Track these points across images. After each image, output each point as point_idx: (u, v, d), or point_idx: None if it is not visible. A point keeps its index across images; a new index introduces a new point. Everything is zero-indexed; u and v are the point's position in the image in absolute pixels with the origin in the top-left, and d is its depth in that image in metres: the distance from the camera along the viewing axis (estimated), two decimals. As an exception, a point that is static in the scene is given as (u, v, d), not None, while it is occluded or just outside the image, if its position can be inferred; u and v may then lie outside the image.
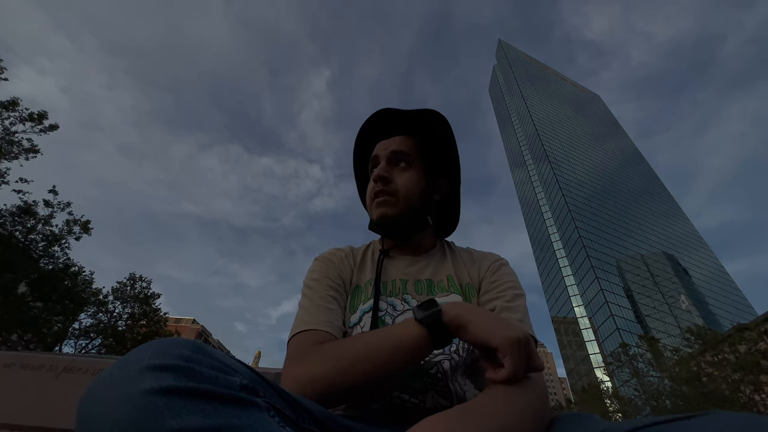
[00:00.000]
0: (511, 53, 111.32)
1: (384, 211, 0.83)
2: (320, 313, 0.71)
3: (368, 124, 0.91)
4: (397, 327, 0.58)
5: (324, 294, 0.76)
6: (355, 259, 0.88)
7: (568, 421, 0.49)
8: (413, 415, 0.64)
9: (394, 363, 0.54)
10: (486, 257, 0.89)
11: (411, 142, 0.87)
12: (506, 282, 0.81)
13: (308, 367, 0.57)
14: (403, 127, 0.89)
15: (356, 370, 0.54)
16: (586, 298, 54.67)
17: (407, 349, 0.54)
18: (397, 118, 0.88)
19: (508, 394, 0.47)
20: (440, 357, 0.69)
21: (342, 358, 0.55)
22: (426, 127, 0.88)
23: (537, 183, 76.86)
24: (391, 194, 0.83)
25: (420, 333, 0.55)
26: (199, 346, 0.36)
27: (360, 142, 0.95)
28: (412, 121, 0.88)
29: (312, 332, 0.66)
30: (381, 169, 0.84)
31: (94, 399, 0.30)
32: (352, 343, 0.59)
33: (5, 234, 12.16)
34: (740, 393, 13.59)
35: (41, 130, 12.68)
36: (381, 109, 0.88)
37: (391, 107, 0.88)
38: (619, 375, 21.32)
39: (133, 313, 16.68)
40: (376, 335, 0.58)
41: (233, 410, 0.31)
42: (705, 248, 76.29)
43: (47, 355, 1.15)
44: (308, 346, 0.63)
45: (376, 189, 0.84)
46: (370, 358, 0.54)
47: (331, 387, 0.53)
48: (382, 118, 0.89)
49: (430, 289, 0.82)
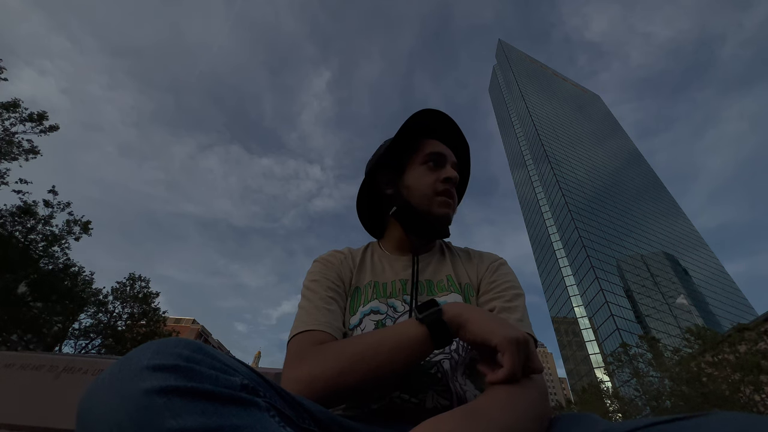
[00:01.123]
0: (511, 53, 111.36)
1: (448, 212, 0.85)
2: (320, 314, 0.71)
3: (435, 116, 0.90)
4: (397, 327, 0.58)
5: (323, 295, 0.76)
6: (354, 261, 0.88)
7: (567, 421, 0.49)
8: (413, 415, 0.64)
9: (395, 363, 0.54)
10: (485, 257, 0.90)
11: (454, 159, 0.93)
12: (505, 282, 0.81)
13: (308, 367, 0.57)
14: (454, 144, 0.94)
15: (356, 371, 0.54)
16: (586, 298, 54.67)
17: (408, 348, 0.54)
18: (456, 133, 0.93)
19: (510, 395, 0.47)
20: (440, 357, 0.69)
21: (341, 359, 0.55)
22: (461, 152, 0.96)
23: (537, 183, 76.88)
24: (453, 200, 0.87)
25: (420, 332, 0.55)
26: (199, 346, 0.36)
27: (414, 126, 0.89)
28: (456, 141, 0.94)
29: (311, 333, 0.66)
30: (456, 174, 0.87)
31: (95, 399, 0.30)
32: (352, 343, 0.59)
33: (5, 234, 12.15)
34: (740, 393, 13.59)
35: (41, 131, 12.68)
36: (446, 114, 0.90)
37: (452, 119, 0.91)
38: (620, 375, 21.32)
39: (132, 313, 16.68)
40: (376, 335, 0.58)
41: (233, 410, 0.31)
42: (705, 248, 76.29)
43: (47, 356, 1.15)
44: (308, 346, 0.63)
45: (445, 187, 0.85)
46: (370, 358, 0.54)
47: (332, 387, 0.53)
48: (447, 123, 0.92)
49: (430, 289, 0.82)
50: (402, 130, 0.87)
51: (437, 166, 0.87)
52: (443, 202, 0.84)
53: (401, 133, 0.88)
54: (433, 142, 0.90)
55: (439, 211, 0.84)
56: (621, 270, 56.11)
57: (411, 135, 0.91)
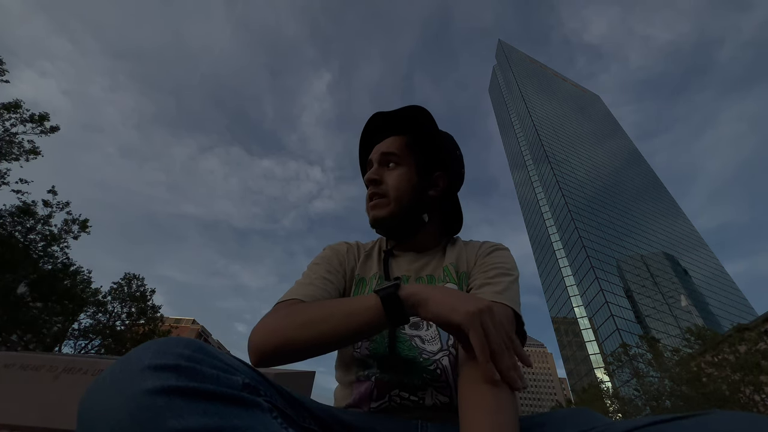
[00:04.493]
0: (510, 53, 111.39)
1: (376, 213, 0.83)
2: (308, 288, 0.73)
3: (365, 131, 0.91)
4: (357, 297, 0.60)
5: (319, 275, 0.78)
6: (360, 252, 0.90)
7: (565, 416, 0.49)
8: (413, 412, 0.65)
9: (348, 327, 0.55)
10: (484, 244, 0.89)
11: (400, 141, 0.86)
12: (494, 263, 0.79)
13: (270, 321, 0.60)
14: (393, 128, 0.89)
15: (311, 328, 0.56)
16: (586, 298, 54.66)
17: (359, 316, 0.56)
18: (386, 119, 0.88)
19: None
20: (439, 354, 0.69)
21: (301, 316, 0.58)
22: (413, 123, 0.86)
23: (537, 184, 76.87)
24: (382, 195, 0.83)
25: (374, 303, 0.56)
26: (200, 345, 0.36)
27: (362, 150, 0.95)
28: (399, 119, 0.87)
29: (292, 301, 0.68)
30: (371, 173, 0.85)
31: (95, 399, 0.30)
32: (314, 305, 0.63)
33: (5, 234, 12.15)
34: (740, 393, 13.59)
35: (42, 131, 12.68)
36: (373, 114, 0.87)
37: (382, 111, 0.87)
38: (620, 375, 21.32)
39: (131, 313, 16.67)
40: (337, 301, 0.62)
41: (235, 410, 0.31)
42: (705, 248, 76.29)
43: (47, 356, 1.15)
44: (280, 308, 0.65)
45: (368, 192, 0.85)
46: (326, 319, 0.56)
47: (288, 341, 0.55)
48: (374, 122, 0.89)
49: (431, 283, 0.82)
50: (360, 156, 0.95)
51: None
52: (369, 208, 0.85)
53: (361, 158, 0.95)
54: (372, 151, 0.90)
55: (370, 218, 0.85)
56: (621, 270, 56.10)
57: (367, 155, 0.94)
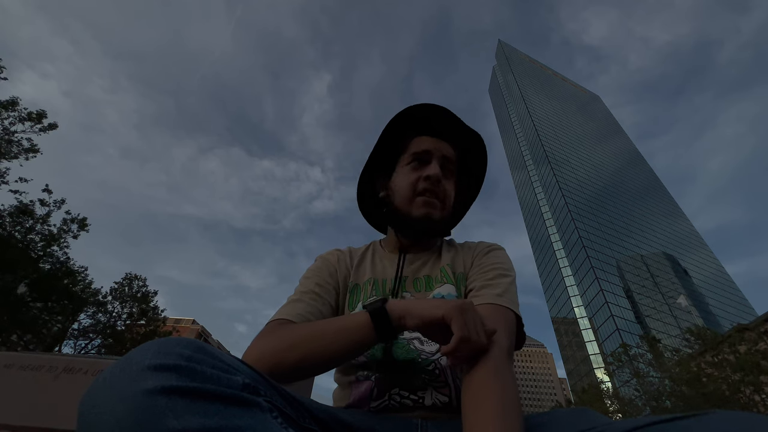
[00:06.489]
0: (510, 54, 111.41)
1: (430, 211, 0.81)
2: (298, 306, 0.73)
3: (424, 111, 0.85)
4: (348, 315, 0.62)
5: (308, 290, 0.78)
6: (353, 259, 0.89)
7: (565, 416, 0.49)
8: (413, 412, 0.66)
9: (339, 344, 0.57)
10: (480, 245, 0.89)
11: (455, 154, 0.88)
12: (491, 264, 0.79)
13: (261, 343, 0.61)
14: (453, 136, 0.88)
15: (303, 348, 0.57)
16: (586, 298, 54.65)
17: (349, 332, 0.58)
18: (453, 123, 0.86)
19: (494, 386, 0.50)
20: (438, 354, 0.70)
21: (290, 338, 0.60)
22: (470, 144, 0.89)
23: (537, 184, 76.82)
24: (439, 198, 0.82)
25: (363, 319, 0.58)
26: (201, 345, 0.36)
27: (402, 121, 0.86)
28: (463, 135, 0.88)
29: (282, 320, 0.69)
30: (439, 172, 0.82)
31: (95, 399, 0.30)
32: (305, 325, 0.64)
33: (4, 234, 12.15)
34: (740, 393, 13.60)
35: (40, 129, 12.68)
36: (439, 105, 0.83)
37: (448, 109, 0.84)
38: (620, 375, 21.33)
39: (131, 313, 16.66)
40: (328, 321, 0.63)
41: (235, 411, 0.32)
42: (705, 249, 76.27)
43: (47, 356, 1.16)
44: (270, 329, 0.66)
45: (425, 186, 0.81)
46: (317, 337, 0.58)
47: (280, 362, 0.56)
48: (438, 114, 0.85)
49: (428, 284, 0.82)
50: (386, 132, 0.86)
51: (422, 164, 0.84)
52: (424, 202, 0.81)
53: (386, 134, 0.87)
54: (422, 139, 0.85)
55: (419, 212, 0.81)
56: (621, 270, 56.09)
57: (400, 134, 0.88)
